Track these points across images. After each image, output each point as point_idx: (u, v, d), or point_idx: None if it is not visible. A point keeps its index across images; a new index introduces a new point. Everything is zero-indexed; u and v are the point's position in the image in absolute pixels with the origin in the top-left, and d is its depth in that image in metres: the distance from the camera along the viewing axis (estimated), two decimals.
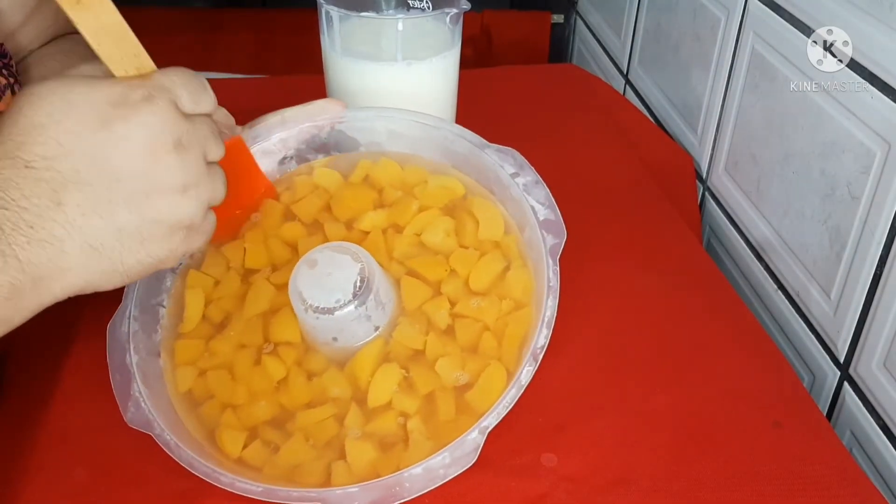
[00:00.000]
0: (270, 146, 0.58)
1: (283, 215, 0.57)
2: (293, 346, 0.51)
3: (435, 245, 0.54)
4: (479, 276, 0.52)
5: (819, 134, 0.64)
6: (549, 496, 0.48)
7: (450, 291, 0.52)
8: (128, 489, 0.47)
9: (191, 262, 0.55)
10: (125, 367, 0.48)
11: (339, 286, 0.49)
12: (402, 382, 0.49)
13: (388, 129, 0.58)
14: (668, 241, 0.71)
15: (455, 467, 0.43)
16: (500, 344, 0.50)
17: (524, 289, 0.51)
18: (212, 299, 0.54)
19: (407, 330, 0.50)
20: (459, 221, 0.55)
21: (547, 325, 0.48)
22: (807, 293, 0.68)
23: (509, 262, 0.53)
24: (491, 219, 0.54)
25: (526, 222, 0.52)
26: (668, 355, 0.59)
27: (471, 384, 0.49)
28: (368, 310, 0.49)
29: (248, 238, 0.56)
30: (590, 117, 0.91)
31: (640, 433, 0.52)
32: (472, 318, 0.51)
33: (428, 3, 0.65)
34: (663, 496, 0.48)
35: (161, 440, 0.45)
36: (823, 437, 0.53)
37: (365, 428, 0.48)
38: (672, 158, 0.87)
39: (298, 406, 0.49)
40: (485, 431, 0.44)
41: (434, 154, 0.58)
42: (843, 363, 0.63)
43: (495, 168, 0.54)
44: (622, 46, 1.09)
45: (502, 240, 0.54)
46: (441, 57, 0.63)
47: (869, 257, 0.59)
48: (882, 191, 0.57)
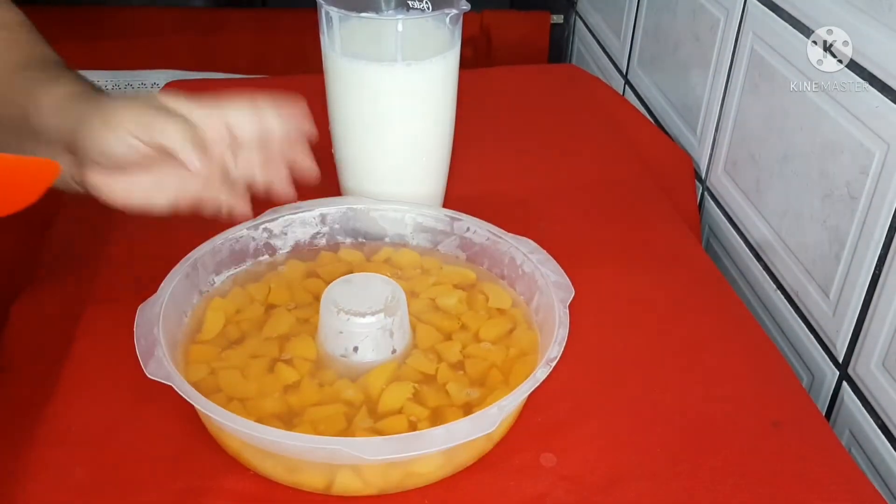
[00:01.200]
0: (310, 217, 0.62)
1: (306, 273, 0.60)
2: (308, 360, 0.53)
3: (447, 308, 0.58)
4: (487, 330, 0.56)
5: (818, 134, 0.65)
6: (548, 496, 0.48)
7: (461, 339, 0.55)
8: (128, 489, 0.47)
9: (216, 293, 0.58)
10: (152, 336, 0.49)
11: (372, 298, 0.52)
12: (413, 395, 0.50)
13: (415, 223, 0.63)
14: (668, 241, 0.71)
15: (475, 431, 0.44)
16: (506, 380, 0.52)
17: (530, 342, 0.55)
18: (231, 321, 0.56)
19: (420, 358, 0.53)
20: (471, 295, 0.59)
21: (559, 344, 0.49)
22: (806, 293, 0.68)
23: (515, 325, 0.56)
24: (499, 295, 0.59)
25: (536, 289, 0.56)
26: (668, 355, 0.59)
27: (479, 402, 0.50)
28: (394, 326, 0.52)
29: (273, 282, 0.59)
30: (589, 117, 0.91)
31: (639, 433, 0.52)
32: (480, 357, 0.54)
33: (428, 4, 0.65)
34: (663, 496, 0.48)
35: (181, 389, 0.45)
36: (822, 436, 0.53)
37: (375, 425, 0.49)
38: (671, 158, 0.87)
39: (307, 405, 0.50)
40: (503, 409, 0.45)
41: (451, 246, 0.63)
42: (842, 363, 0.63)
43: (511, 251, 0.59)
44: (622, 47, 1.09)
45: (509, 310, 0.58)
46: (441, 57, 0.63)
47: (868, 257, 0.59)
48: (881, 191, 0.57)
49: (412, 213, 0.63)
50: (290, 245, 0.62)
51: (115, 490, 0.47)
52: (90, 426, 0.51)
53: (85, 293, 0.61)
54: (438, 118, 0.67)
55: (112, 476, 0.48)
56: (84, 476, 0.48)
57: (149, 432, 0.50)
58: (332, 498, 0.47)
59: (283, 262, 0.62)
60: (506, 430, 0.51)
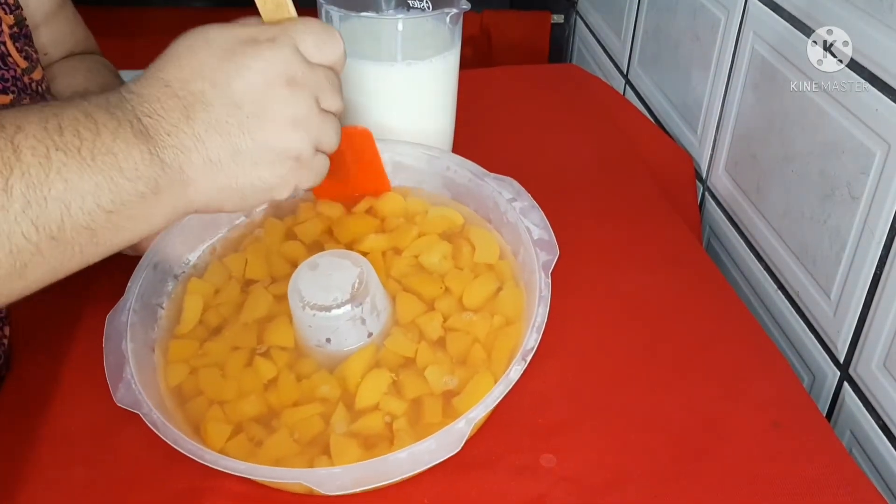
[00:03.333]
0: None
1: (285, 235, 0.58)
2: (286, 350, 0.52)
3: (431, 266, 0.56)
4: (472, 294, 0.54)
5: (819, 134, 0.65)
6: (548, 496, 0.48)
7: (443, 307, 0.54)
8: (128, 489, 0.47)
9: (192, 271, 0.57)
10: (120, 352, 0.48)
11: (338, 286, 0.50)
12: (390, 386, 0.50)
13: (393, 161, 0.61)
14: (668, 241, 0.71)
15: (440, 453, 0.43)
16: (489, 356, 0.51)
17: (515, 306, 0.53)
18: (210, 305, 0.55)
19: (399, 339, 0.52)
20: (456, 247, 0.57)
21: (537, 330, 0.48)
22: (807, 293, 0.68)
23: (502, 283, 0.55)
24: (487, 245, 0.56)
25: (521, 243, 0.54)
26: (668, 355, 0.59)
27: (458, 390, 0.50)
28: (364, 313, 0.50)
29: (249, 251, 0.57)
30: (589, 117, 0.91)
31: (639, 433, 0.52)
32: (463, 331, 0.52)
33: (428, 3, 0.65)
34: (662, 496, 0.48)
35: (149, 419, 0.45)
36: (823, 437, 0.53)
37: (351, 427, 0.48)
38: (672, 158, 0.87)
39: (286, 405, 0.49)
40: (471, 422, 0.44)
41: (436, 185, 0.60)
42: (843, 363, 0.63)
43: (493, 195, 0.56)
44: (622, 46, 1.09)
45: (497, 264, 0.56)
46: (441, 57, 0.63)
47: (869, 257, 0.59)
48: (882, 191, 0.57)
49: (389, 153, 0.60)
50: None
51: (115, 490, 0.47)
52: (90, 426, 0.51)
53: (85, 293, 0.61)
54: (439, 117, 0.67)
55: (112, 476, 0.48)
56: (84, 476, 0.48)
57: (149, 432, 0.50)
58: (332, 498, 0.47)
59: (260, 222, 0.60)
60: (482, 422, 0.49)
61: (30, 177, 0.35)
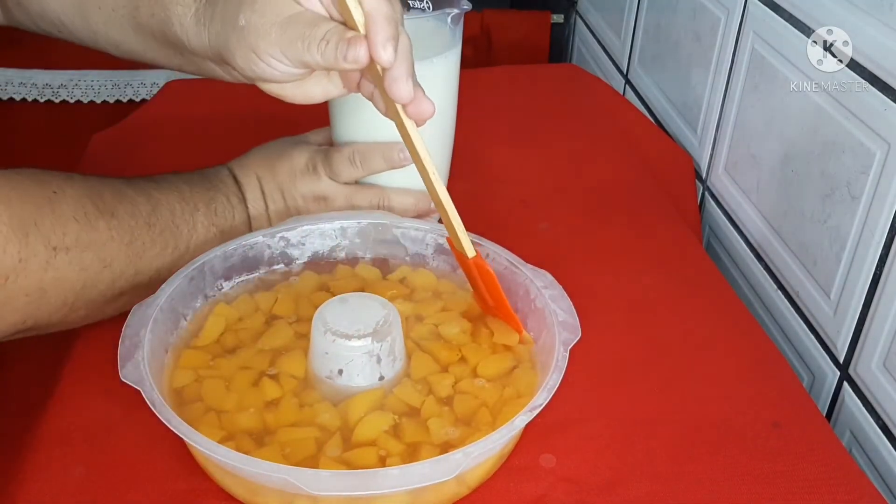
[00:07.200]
0: (329, 229, 0.61)
1: (318, 286, 0.59)
2: (295, 378, 0.52)
3: (450, 336, 0.56)
4: (487, 366, 0.54)
5: (819, 134, 0.65)
6: (547, 497, 0.48)
7: (456, 372, 0.53)
8: (128, 489, 0.47)
9: (222, 297, 0.57)
10: (137, 338, 0.48)
11: (363, 320, 0.51)
12: (391, 427, 0.49)
13: (436, 244, 0.61)
14: (668, 241, 0.71)
15: (433, 477, 0.42)
16: (494, 419, 0.50)
17: (529, 384, 0.52)
18: (231, 329, 0.55)
19: (408, 389, 0.52)
20: (475, 327, 0.57)
21: (548, 390, 0.47)
22: (806, 293, 0.68)
23: (519, 363, 0.54)
24: (507, 331, 0.56)
25: (544, 327, 0.54)
26: (668, 355, 0.59)
27: (457, 444, 0.48)
28: (381, 351, 0.51)
29: (281, 291, 0.58)
30: (590, 117, 0.91)
31: (638, 434, 0.52)
32: (472, 394, 0.52)
33: (428, 3, 0.65)
34: (663, 497, 0.48)
35: (149, 397, 0.45)
36: (823, 437, 0.53)
37: (343, 455, 0.47)
38: (672, 158, 0.87)
39: (283, 424, 0.49)
40: (469, 455, 0.43)
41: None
42: (843, 363, 0.63)
43: (525, 283, 0.56)
44: (622, 46, 1.09)
45: (516, 347, 0.55)
46: (442, 57, 0.63)
47: (868, 257, 0.59)
48: (882, 191, 0.57)
49: (433, 234, 0.61)
50: (308, 255, 0.61)
51: (115, 490, 0.47)
52: (90, 426, 0.51)
53: None
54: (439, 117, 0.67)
55: (112, 476, 0.48)
56: (84, 476, 0.48)
57: (148, 432, 0.50)
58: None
59: (298, 272, 0.61)
60: (486, 476, 0.49)
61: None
